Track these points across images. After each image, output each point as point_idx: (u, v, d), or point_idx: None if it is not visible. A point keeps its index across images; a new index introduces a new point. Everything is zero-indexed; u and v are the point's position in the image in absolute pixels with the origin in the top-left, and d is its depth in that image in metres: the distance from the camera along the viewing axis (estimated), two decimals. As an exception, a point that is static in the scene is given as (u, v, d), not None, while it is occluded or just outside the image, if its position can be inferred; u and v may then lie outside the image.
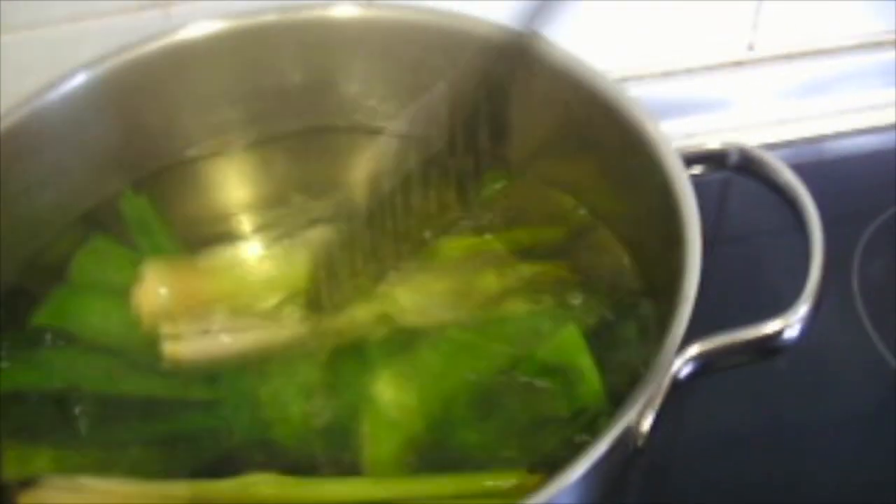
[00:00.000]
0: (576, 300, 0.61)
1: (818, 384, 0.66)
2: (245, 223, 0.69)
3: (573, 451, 0.52)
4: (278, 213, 0.67)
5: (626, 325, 0.60)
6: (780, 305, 0.53)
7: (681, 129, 0.83)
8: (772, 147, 0.82)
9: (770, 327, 0.50)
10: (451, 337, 0.60)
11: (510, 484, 0.52)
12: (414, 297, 0.61)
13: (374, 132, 0.69)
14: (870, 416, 0.65)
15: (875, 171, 0.82)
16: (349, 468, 0.55)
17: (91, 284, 0.64)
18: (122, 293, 0.62)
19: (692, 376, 0.49)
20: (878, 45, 0.87)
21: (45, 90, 0.63)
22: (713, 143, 0.58)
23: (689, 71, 0.86)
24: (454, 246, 0.64)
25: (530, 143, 0.65)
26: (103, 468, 0.55)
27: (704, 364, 0.49)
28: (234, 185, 0.72)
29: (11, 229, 0.63)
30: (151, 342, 0.60)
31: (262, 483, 0.53)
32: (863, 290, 0.71)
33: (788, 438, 0.63)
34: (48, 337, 0.60)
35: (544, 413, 0.56)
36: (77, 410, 0.57)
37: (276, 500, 0.53)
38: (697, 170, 0.58)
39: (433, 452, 0.56)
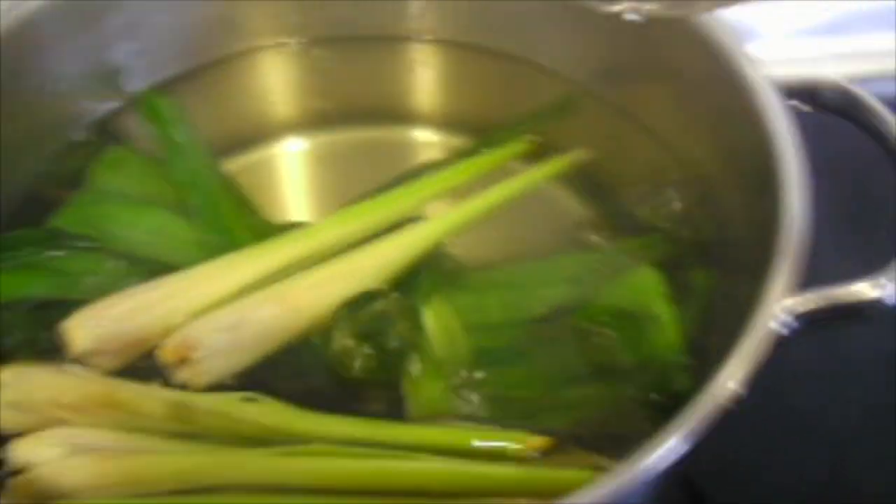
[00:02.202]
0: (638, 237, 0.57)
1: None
2: (275, 129, 0.64)
3: (637, 406, 0.49)
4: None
5: (691, 269, 0.55)
6: (866, 257, 0.48)
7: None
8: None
9: (878, 287, 0.45)
10: (505, 275, 0.56)
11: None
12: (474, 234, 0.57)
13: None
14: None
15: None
16: (389, 397, 0.51)
17: (111, 193, 0.59)
18: (145, 202, 0.58)
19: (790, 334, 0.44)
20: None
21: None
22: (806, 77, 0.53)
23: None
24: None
25: (599, 66, 0.61)
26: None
27: (805, 321, 0.45)
28: (266, 90, 0.66)
29: (28, 130, 0.58)
30: (178, 252, 0.56)
31: (249, 405, 0.49)
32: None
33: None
34: (68, 242, 0.56)
35: (603, 362, 0.52)
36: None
37: (258, 424, 0.49)
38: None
39: (478, 394, 0.52)
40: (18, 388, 0.49)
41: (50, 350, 0.51)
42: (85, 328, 0.51)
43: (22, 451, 0.47)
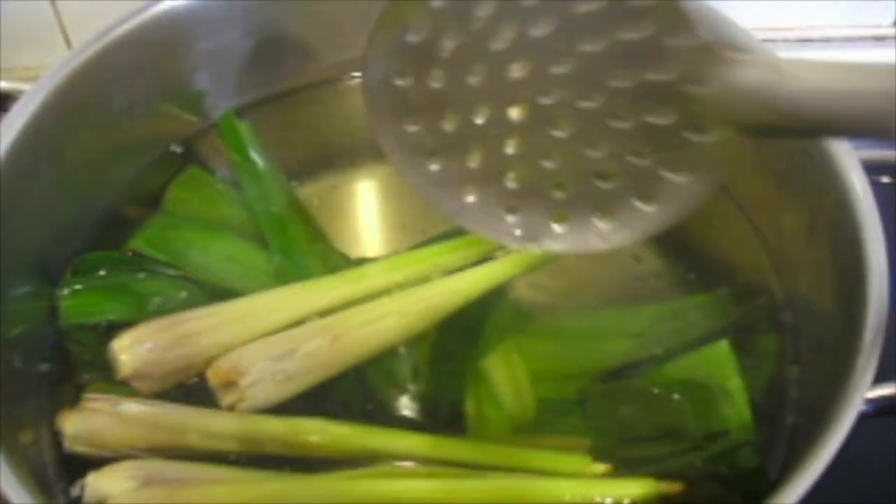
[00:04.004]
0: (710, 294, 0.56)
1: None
2: (352, 157, 0.64)
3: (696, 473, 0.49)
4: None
5: (762, 334, 0.55)
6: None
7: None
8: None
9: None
10: (573, 323, 0.56)
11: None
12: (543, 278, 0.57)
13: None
14: None
15: None
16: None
17: (186, 216, 0.60)
18: (220, 228, 0.59)
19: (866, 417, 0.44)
20: None
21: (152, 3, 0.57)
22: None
23: (826, 40, 0.79)
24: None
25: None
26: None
27: (879, 409, 0.44)
28: (346, 118, 0.66)
29: (114, 150, 0.59)
30: (250, 280, 0.57)
31: (313, 428, 0.50)
32: None
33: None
34: (145, 265, 0.57)
35: (669, 427, 0.52)
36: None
37: (324, 445, 0.50)
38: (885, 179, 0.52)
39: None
40: (83, 437, 0.50)
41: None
42: (131, 352, 0.51)
43: (96, 485, 0.48)
